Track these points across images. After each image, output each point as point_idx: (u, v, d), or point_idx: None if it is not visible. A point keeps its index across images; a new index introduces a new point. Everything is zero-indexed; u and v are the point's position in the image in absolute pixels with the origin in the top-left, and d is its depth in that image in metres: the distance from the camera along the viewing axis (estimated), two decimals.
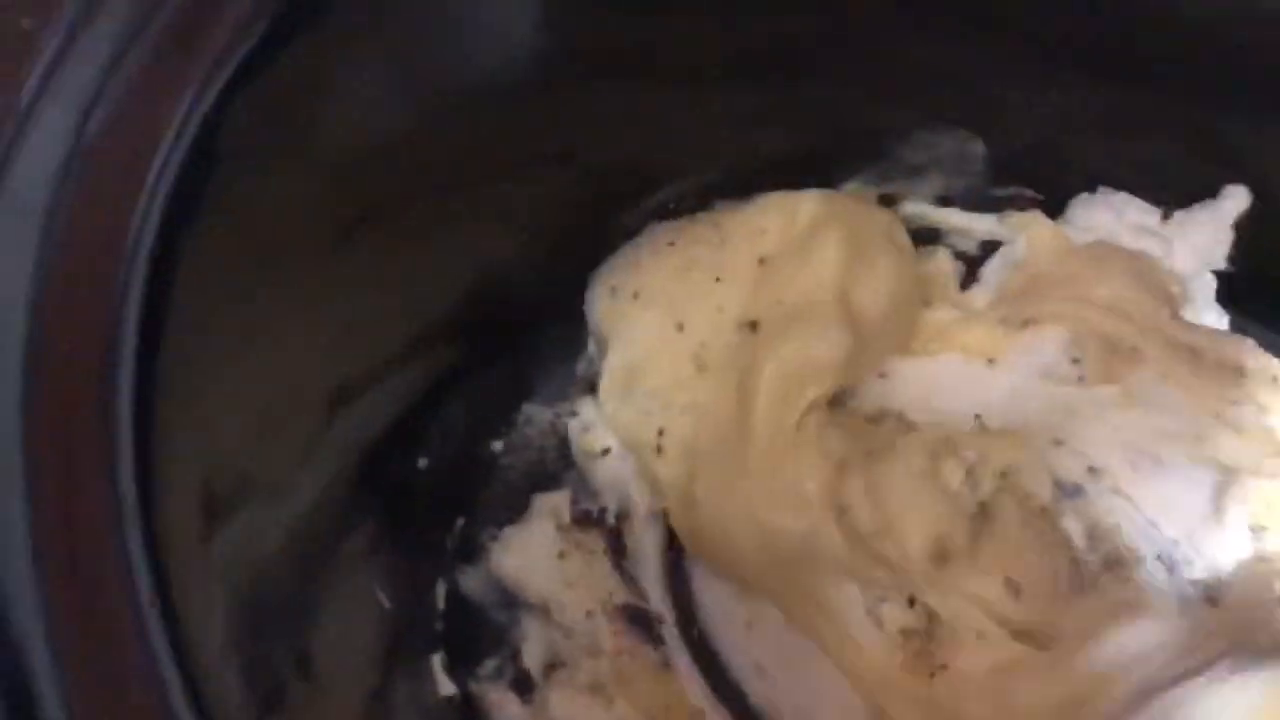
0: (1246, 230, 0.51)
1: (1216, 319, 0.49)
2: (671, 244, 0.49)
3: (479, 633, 0.47)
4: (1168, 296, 0.47)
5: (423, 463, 0.45)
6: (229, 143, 0.30)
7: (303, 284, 0.38)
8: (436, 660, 0.44)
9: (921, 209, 0.54)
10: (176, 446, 0.29)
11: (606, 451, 0.49)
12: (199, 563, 0.29)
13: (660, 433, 0.47)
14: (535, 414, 0.51)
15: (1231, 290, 0.51)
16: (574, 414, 0.50)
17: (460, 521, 0.48)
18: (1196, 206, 0.49)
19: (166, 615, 0.25)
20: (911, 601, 0.45)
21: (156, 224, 0.29)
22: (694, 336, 0.48)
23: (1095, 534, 0.47)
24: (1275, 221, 0.50)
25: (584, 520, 0.49)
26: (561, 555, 0.47)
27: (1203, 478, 0.45)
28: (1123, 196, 0.49)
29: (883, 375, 0.50)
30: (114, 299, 0.28)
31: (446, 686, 0.43)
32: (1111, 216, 0.48)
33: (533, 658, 0.46)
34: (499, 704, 0.44)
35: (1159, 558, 0.46)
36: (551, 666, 0.46)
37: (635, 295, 0.48)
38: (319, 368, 0.40)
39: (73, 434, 0.26)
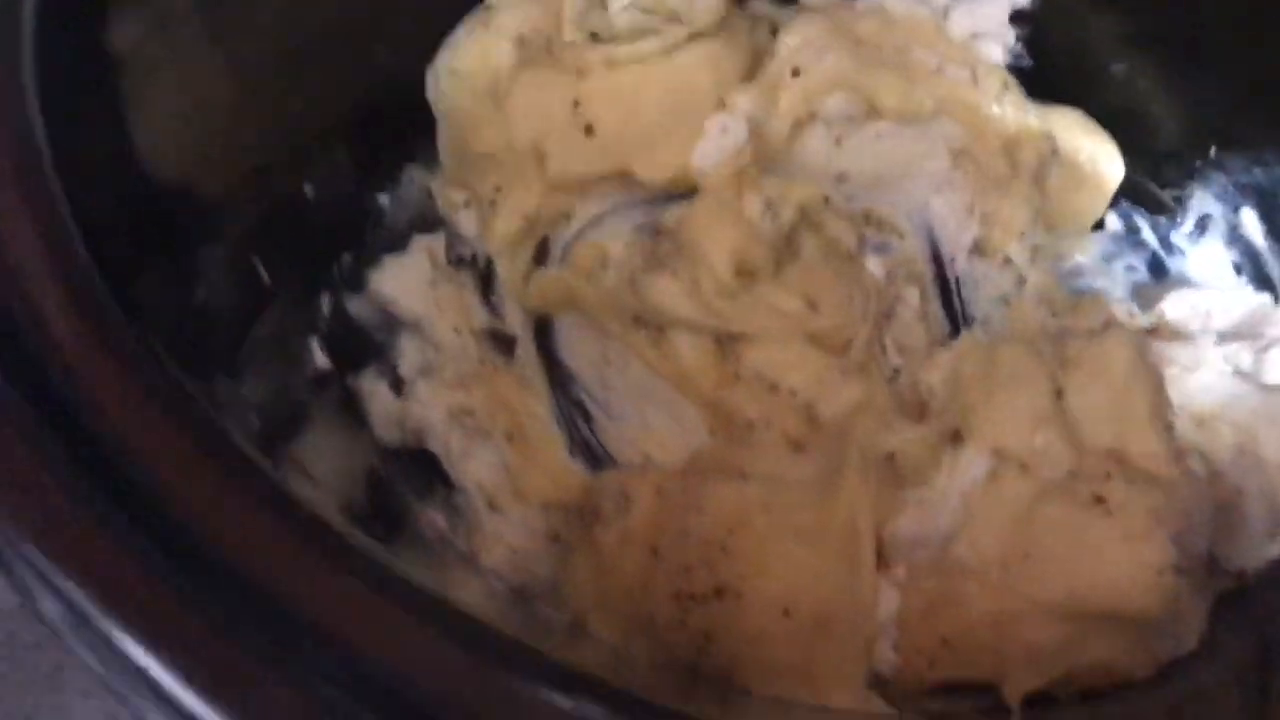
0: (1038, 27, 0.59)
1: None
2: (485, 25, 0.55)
3: (363, 347, 0.54)
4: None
5: (309, 189, 0.52)
6: None
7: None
8: (315, 342, 0.51)
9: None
10: None
11: (467, 204, 0.57)
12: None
13: (497, 189, 0.55)
14: (417, 175, 0.58)
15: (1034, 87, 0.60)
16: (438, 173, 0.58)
17: (347, 256, 0.55)
18: None
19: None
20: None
21: None
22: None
23: (893, 275, 0.56)
24: (1061, 16, 0.58)
25: (457, 262, 0.57)
26: (433, 283, 0.55)
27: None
28: None
29: None
30: None
31: (323, 362, 0.51)
32: None
33: (408, 367, 0.54)
34: (371, 391, 0.52)
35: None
36: (423, 373, 0.54)
37: (452, 73, 0.55)
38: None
39: None
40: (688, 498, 0.46)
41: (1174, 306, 0.54)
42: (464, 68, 0.55)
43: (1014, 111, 0.57)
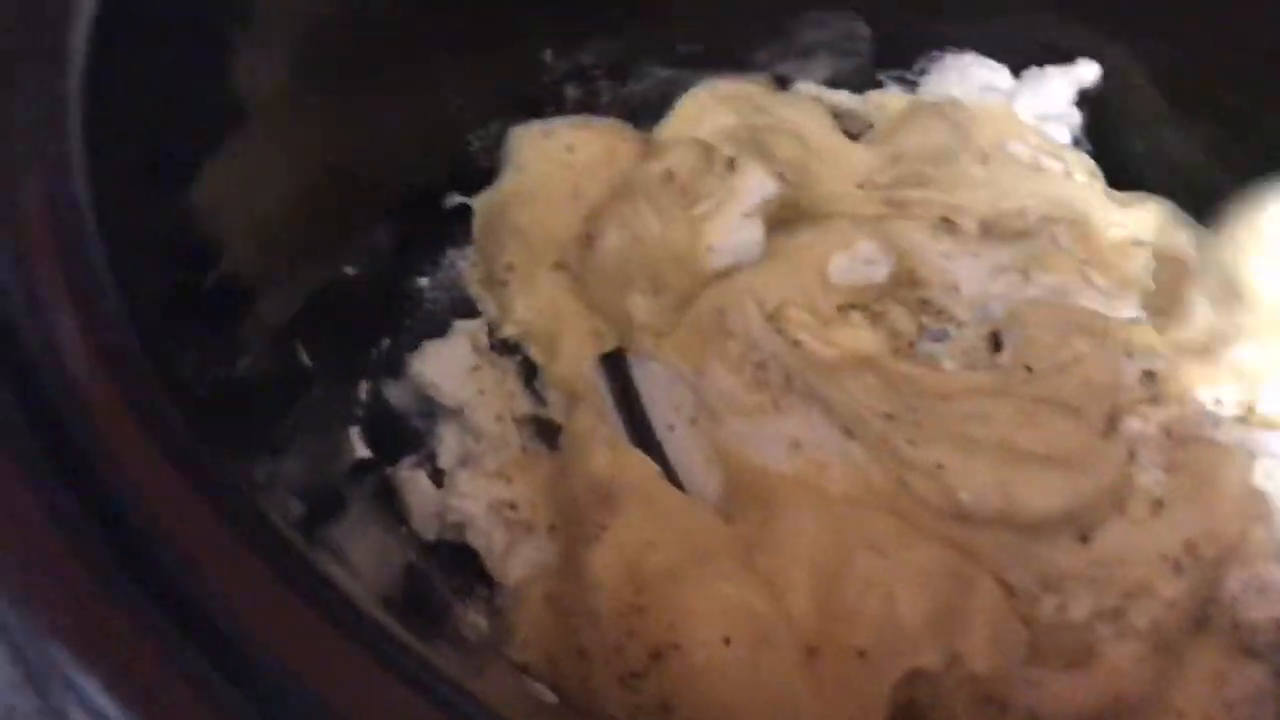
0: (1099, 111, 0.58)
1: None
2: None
3: (401, 436, 0.52)
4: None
5: (349, 270, 0.50)
6: None
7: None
8: (354, 431, 0.49)
9: (813, 89, 0.60)
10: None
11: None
12: None
13: (508, 267, 0.54)
14: (457, 258, 0.57)
15: None
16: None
17: (386, 341, 0.53)
18: (1048, 67, 0.55)
19: None
20: None
21: None
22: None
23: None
24: (1124, 98, 0.57)
25: (499, 347, 0.55)
26: (475, 368, 0.52)
27: None
28: (969, 57, 0.55)
29: None
30: None
31: (362, 451, 0.48)
32: (957, 77, 0.55)
33: (448, 456, 0.51)
34: (410, 480, 0.49)
35: None
36: (463, 463, 0.51)
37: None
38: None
39: None
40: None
41: (1269, 400, 0.51)
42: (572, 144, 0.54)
43: (1116, 216, 0.55)
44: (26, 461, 0.28)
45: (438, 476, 0.51)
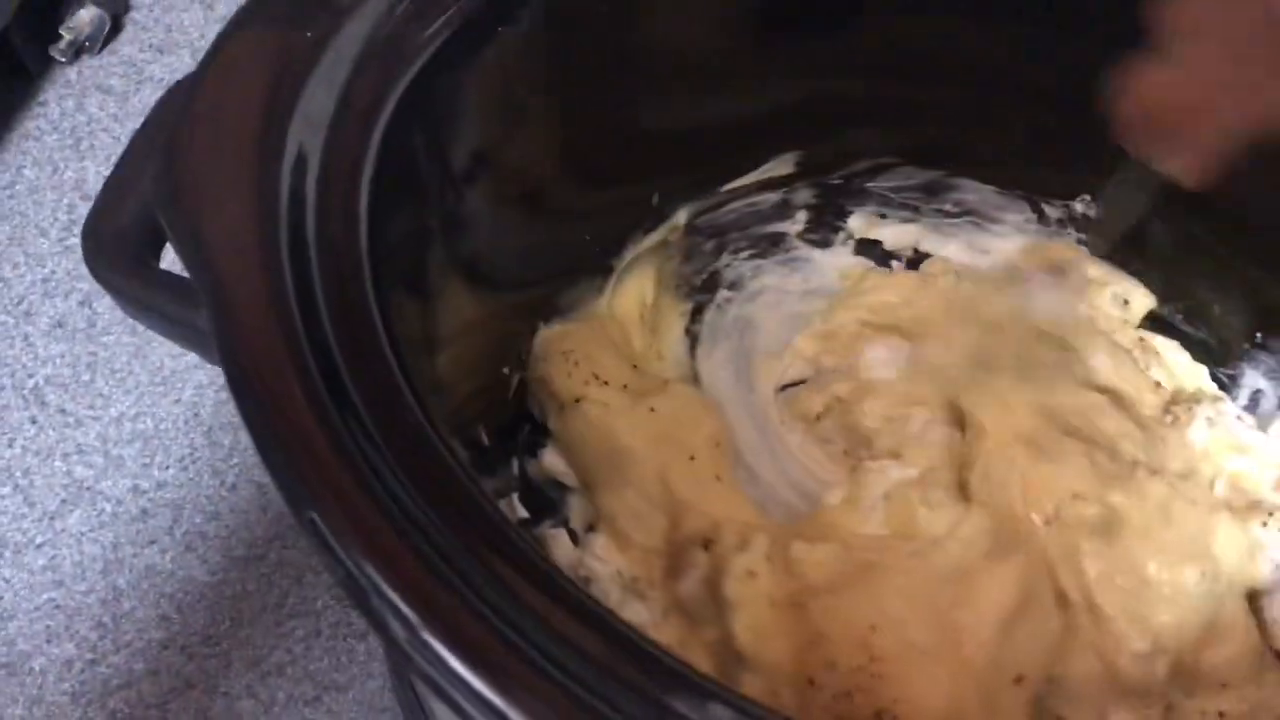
0: None
1: None
2: None
3: (540, 504, 0.64)
4: None
5: (505, 370, 0.63)
6: None
7: None
8: (515, 496, 0.61)
9: None
10: None
11: None
12: None
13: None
14: None
15: None
16: None
17: (526, 429, 0.66)
18: None
19: None
20: None
21: None
22: None
23: None
24: None
25: None
26: None
27: None
28: None
29: None
30: None
31: (521, 512, 0.61)
32: None
33: (577, 521, 0.64)
34: (555, 539, 0.62)
35: None
36: (591, 527, 0.63)
37: None
38: None
39: None
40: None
41: None
42: None
43: None
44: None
45: (572, 534, 0.63)
